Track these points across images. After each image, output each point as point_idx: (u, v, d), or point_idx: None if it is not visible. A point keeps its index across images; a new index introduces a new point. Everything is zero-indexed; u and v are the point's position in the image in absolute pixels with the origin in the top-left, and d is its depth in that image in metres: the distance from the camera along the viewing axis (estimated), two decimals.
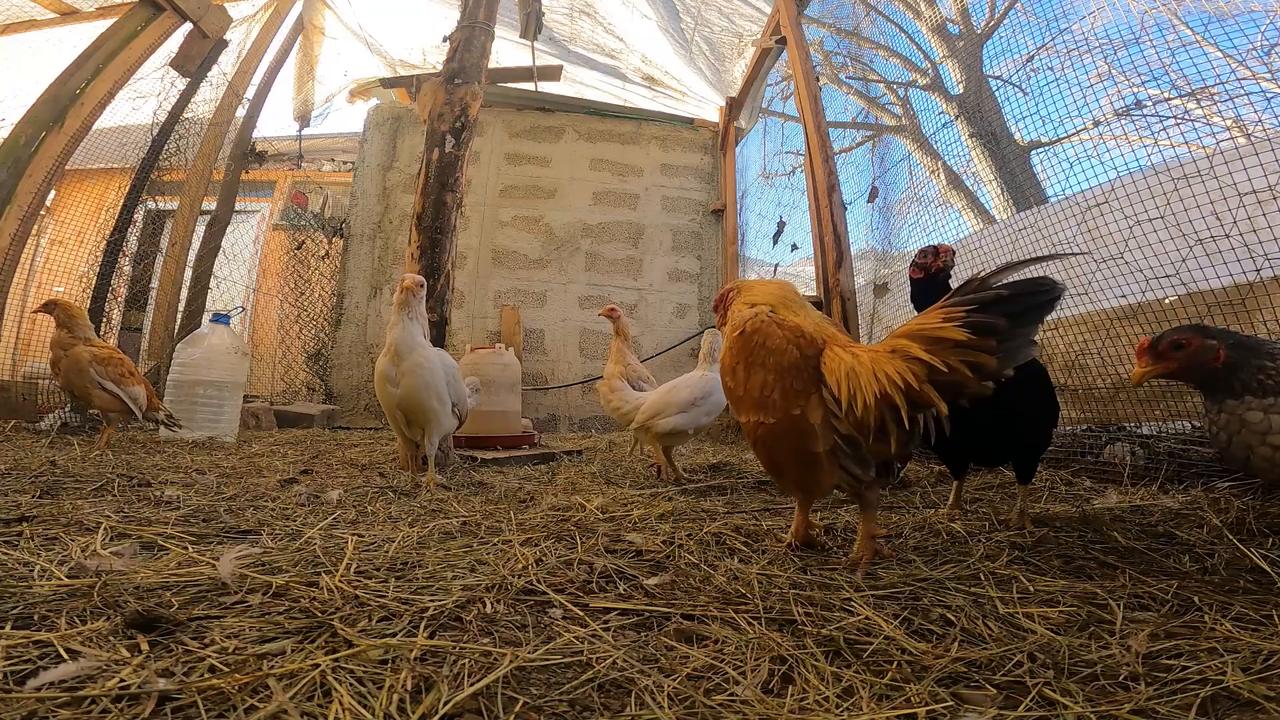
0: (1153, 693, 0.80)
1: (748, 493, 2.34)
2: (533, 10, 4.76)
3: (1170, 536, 1.55)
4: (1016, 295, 1.18)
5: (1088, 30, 2.89)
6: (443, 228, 2.97)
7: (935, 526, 1.67)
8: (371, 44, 6.54)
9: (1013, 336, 1.19)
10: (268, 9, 5.77)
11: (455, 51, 3.25)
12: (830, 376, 1.35)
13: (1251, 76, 2.22)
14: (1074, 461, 2.52)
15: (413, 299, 2.43)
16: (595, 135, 7.09)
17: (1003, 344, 1.19)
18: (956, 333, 1.19)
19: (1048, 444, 1.83)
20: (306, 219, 7.36)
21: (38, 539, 1.30)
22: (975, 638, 0.97)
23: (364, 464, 2.89)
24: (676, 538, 1.54)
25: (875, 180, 4.40)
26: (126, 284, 5.11)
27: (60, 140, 3.88)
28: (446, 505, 1.93)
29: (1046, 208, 2.94)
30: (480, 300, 6.65)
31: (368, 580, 1.16)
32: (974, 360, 1.20)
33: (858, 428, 1.31)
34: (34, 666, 0.77)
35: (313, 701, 0.73)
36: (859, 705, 0.77)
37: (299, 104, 6.89)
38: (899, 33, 4.94)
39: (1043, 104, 2.93)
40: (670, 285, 6.92)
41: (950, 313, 1.22)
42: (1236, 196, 2.00)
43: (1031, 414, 1.71)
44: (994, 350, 1.19)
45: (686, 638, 0.97)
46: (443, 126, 3.07)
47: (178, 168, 5.05)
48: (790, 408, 1.36)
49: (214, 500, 1.82)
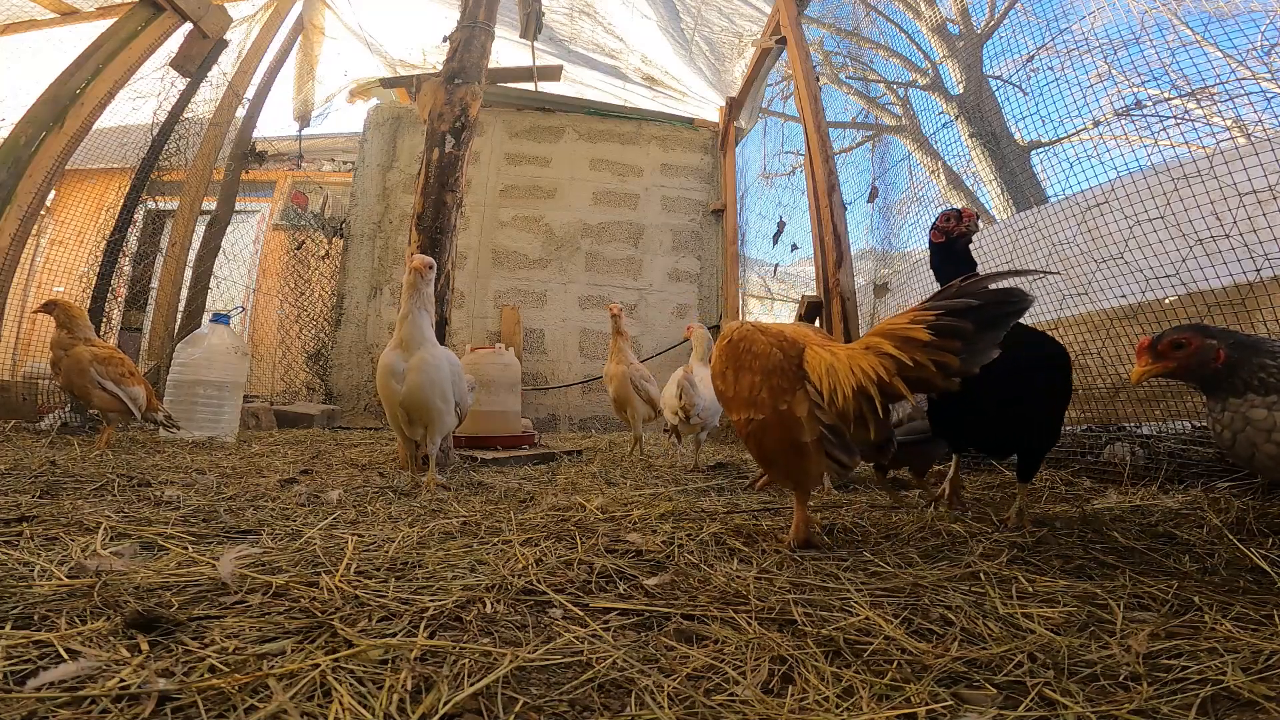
0: (1153, 692, 0.80)
1: (747, 493, 2.34)
2: (533, 10, 4.76)
3: (1170, 536, 1.55)
4: (986, 305, 1.31)
5: (1088, 30, 2.89)
6: (443, 228, 2.97)
7: (935, 526, 1.67)
8: (371, 44, 6.54)
9: (978, 340, 1.32)
10: (268, 9, 5.77)
11: (455, 51, 3.25)
12: (812, 374, 1.47)
13: (1251, 76, 2.22)
14: (1074, 461, 2.53)
15: (421, 281, 2.36)
16: (595, 135, 7.09)
17: (968, 346, 1.32)
18: (923, 334, 1.33)
19: (1054, 441, 1.75)
20: (306, 219, 7.36)
21: (38, 539, 1.30)
22: (975, 638, 0.97)
23: (364, 464, 2.89)
24: (676, 538, 1.54)
25: (875, 180, 4.40)
26: (126, 284, 5.11)
27: (60, 140, 3.88)
28: (446, 505, 1.93)
29: (1046, 208, 2.94)
30: (480, 300, 6.65)
31: (368, 580, 1.16)
32: (939, 359, 1.33)
33: (840, 417, 1.43)
34: (34, 666, 0.77)
35: (313, 701, 0.73)
36: (859, 705, 0.77)
37: (299, 104, 6.90)
38: (899, 33, 4.94)
39: (1043, 104, 2.93)
40: (670, 285, 6.92)
41: (921, 315, 1.35)
42: (1236, 196, 2.00)
43: (1041, 406, 1.64)
44: (958, 351, 1.32)
45: (686, 638, 0.97)
46: (443, 126, 3.07)
47: (178, 168, 5.05)
48: (778, 404, 1.47)
49: (214, 500, 1.82)
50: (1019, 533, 1.61)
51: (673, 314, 6.85)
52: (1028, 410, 1.64)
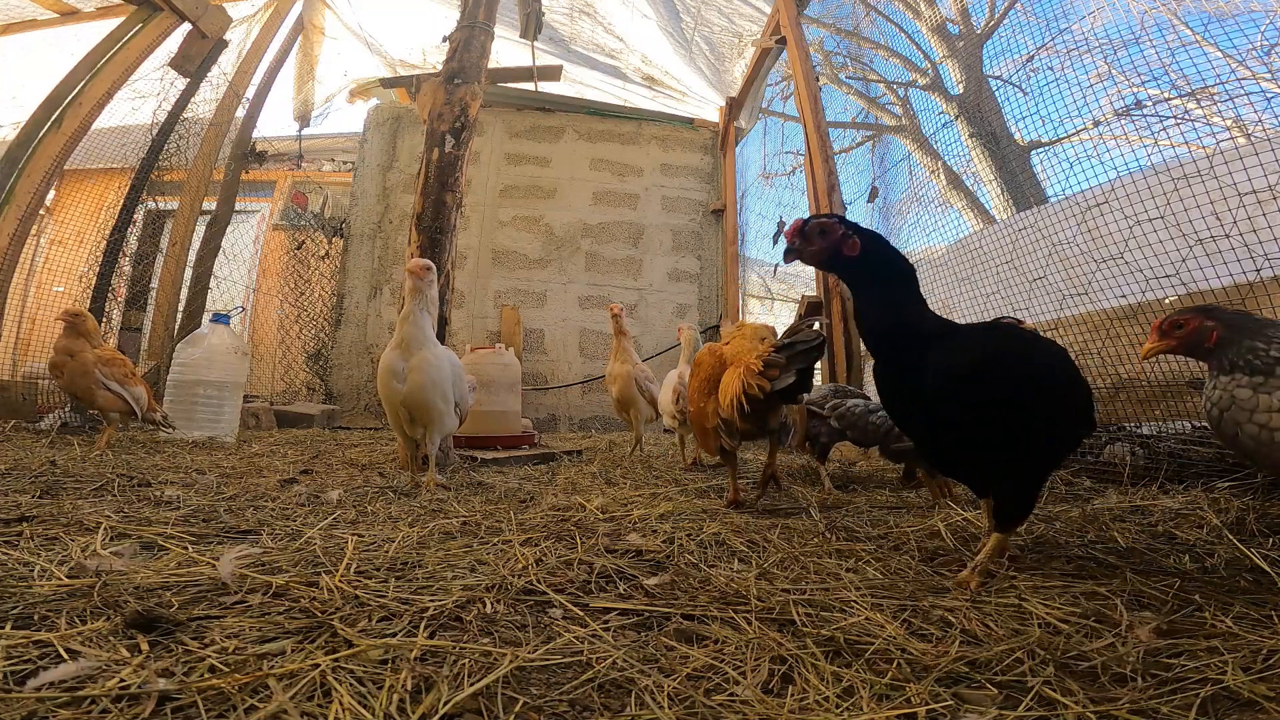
0: (1153, 692, 0.80)
1: (746, 493, 2.34)
2: (533, 10, 4.76)
3: (1170, 536, 1.56)
4: (795, 342, 1.88)
5: (1088, 30, 2.89)
6: (443, 228, 2.97)
7: (935, 527, 1.67)
8: (371, 44, 6.54)
9: (788, 366, 1.85)
10: (268, 9, 5.77)
11: (455, 51, 3.24)
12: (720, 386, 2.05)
13: (1251, 76, 2.22)
14: (1074, 461, 2.52)
15: (421, 284, 2.35)
16: (595, 135, 7.09)
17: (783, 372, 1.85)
18: (756, 364, 1.89)
19: (1034, 476, 1.31)
20: (306, 219, 7.36)
21: (38, 539, 1.30)
22: (975, 637, 0.97)
23: (364, 464, 2.89)
24: (676, 538, 1.54)
25: (875, 180, 4.40)
26: (126, 284, 5.11)
27: (59, 140, 3.88)
28: (446, 505, 1.93)
29: (1046, 208, 2.94)
30: (480, 300, 6.65)
31: (368, 580, 1.16)
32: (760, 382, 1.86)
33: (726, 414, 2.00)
34: (34, 666, 0.77)
35: (313, 701, 0.73)
36: (859, 705, 0.77)
37: (299, 104, 6.90)
38: (899, 33, 4.94)
39: (1043, 104, 2.93)
40: (670, 285, 6.92)
41: (763, 352, 1.93)
42: (1236, 196, 2.00)
43: (989, 430, 1.24)
44: (773, 377, 1.85)
45: (686, 638, 0.97)
46: (442, 126, 3.07)
47: (178, 168, 5.05)
48: (700, 402, 2.13)
49: (214, 500, 1.82)
50: (964, 594, 1.16)
51: (673, 314, 6.85)
52: (966, 434, 1.28)
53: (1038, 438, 1.24)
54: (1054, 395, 1.25)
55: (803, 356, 1.85)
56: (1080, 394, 1.31)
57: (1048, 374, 1.27)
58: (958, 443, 1.31)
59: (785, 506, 2.07)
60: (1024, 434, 1.23)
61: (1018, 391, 1.22)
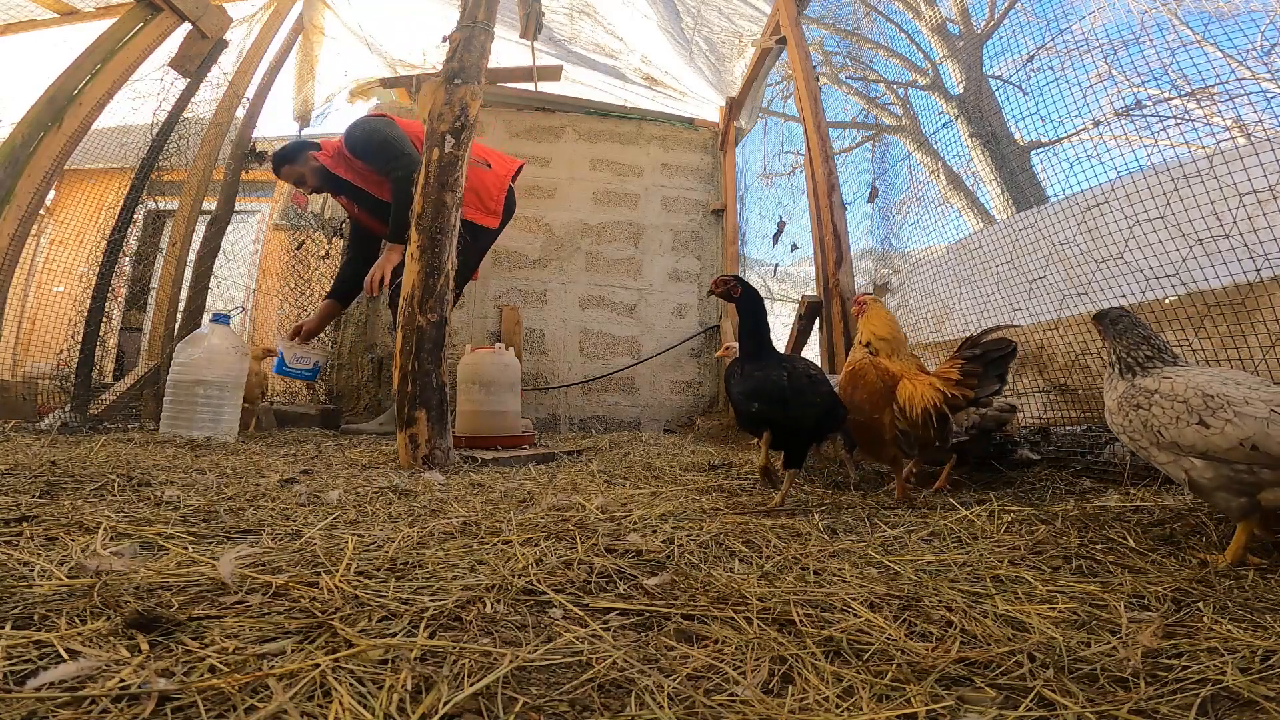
0: (1153, 692, 0.80)
1: (747, 493, 2.34)
2: (533, 10, 4.76)
3: (1171, 536, 1.56)
4: (988, 352, 2.01)
5: (1088, 30, 2.89)
6: (442, 228, 2.97)
7: (937, 526, 1.67)
8: (372, 44, 6.54)
9: (986, 377, 1.99)
10: (268, 9, 5.77)
11: (455, 51, 3.24)
12: (900, 396, 2.12)
13: (1251, 76, 2.22)
14: (1074, 461, 2.53)
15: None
16: (595, 135, 7.08)
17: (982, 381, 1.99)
18: (955, 374, 2.01)
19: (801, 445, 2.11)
20: (306, 219, 7.35)
21: (38, 539, 1.30)
22: (975, 638, 0.97)
23: (364, 464, 2.89)
24: (677, 538, 1.54)
25: (875, 180, 4.40)
26: (126, 284, 5.11)
27: (59, 140, 3.88)
28: (446, 505, 1.93)
29: (1046, 208, 2.94)
30: (480, 300, 6.65)
31: (368, 580, 1.16)
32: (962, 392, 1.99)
33: (910, 425, 2.08)
34: (34, 666, 0.77)
35: (313, 701, 0.73)
36: (859, 705, 0.77)
37: (299, 104, 6.89)
38: (899, 33, 4.94)
39: (1043, 104, 2.93)
40: (670, 285, 6.91)
41: (955, 363, 2.04)
42: (1236, 196, 2.00)
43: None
44: (974, 386, 1.98)
45: (686, 638, 0.97)
46: (442, 126, 3.07)
47: (178, 168, 5.05)
48: (875, 414, 2.16)
49: (214, 500, 1.82)
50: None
51: (673, 314, 6.84)
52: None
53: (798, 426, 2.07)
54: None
55: (997, 364, 1.99)
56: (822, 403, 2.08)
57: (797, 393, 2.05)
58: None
59: (787, 506, 2.07)
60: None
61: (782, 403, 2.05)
